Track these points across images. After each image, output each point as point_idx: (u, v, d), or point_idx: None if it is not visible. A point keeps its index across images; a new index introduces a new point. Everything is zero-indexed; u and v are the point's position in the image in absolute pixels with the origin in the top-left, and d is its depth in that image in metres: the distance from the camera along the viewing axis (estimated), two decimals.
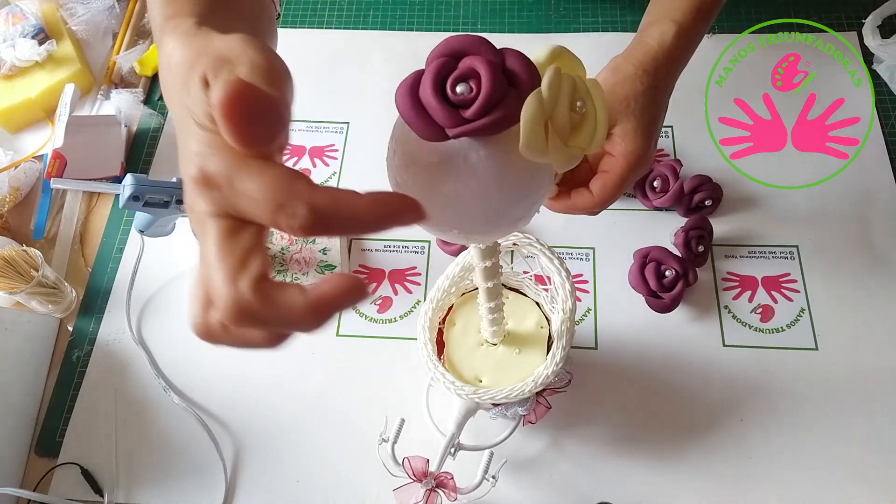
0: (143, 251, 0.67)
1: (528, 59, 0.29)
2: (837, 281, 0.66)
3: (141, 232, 0.60)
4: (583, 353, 0.63)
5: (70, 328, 0.67)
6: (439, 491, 0.52)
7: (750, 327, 0.64)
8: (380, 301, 0.67)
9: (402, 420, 0.53)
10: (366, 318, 0.66)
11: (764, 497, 0.57)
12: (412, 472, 0.51)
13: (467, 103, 0.28)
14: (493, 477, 0.52)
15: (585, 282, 0.67)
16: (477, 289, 0.49)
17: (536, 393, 0.51)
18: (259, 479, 0.59)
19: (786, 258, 0.68)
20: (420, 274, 0.69)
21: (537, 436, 0.60)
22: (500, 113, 0.28)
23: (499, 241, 0.43)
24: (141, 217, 0.59)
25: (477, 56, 0.29)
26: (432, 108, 0.28)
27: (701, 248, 0.65)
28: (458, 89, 0.28)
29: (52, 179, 0.64)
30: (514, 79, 0.29)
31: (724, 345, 0.64)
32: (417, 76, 0.29)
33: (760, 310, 0.65)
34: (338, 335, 0.66)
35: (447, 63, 0.29)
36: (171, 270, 0.69)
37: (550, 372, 0.48)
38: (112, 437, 0.61)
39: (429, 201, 0.28)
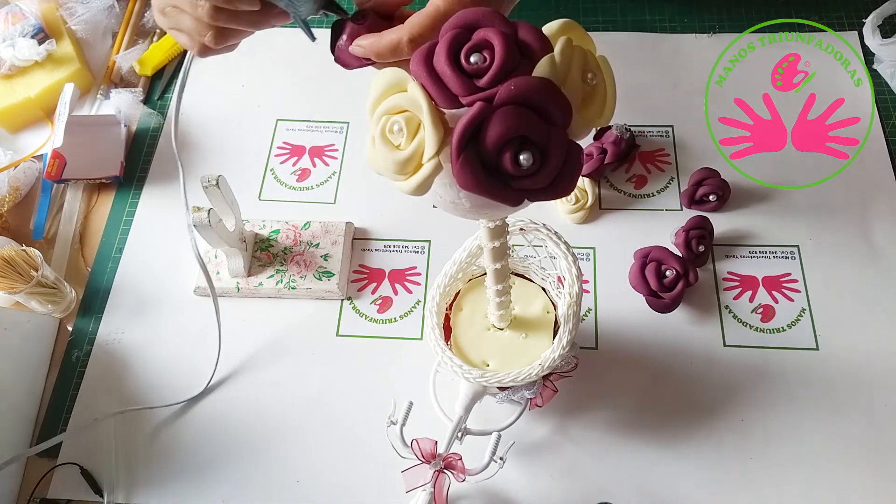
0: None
1: (540, 31, 0.30)
2: (838, 281, 0.66)
3: None
4: (583, 353, 0.63)
5: (70, 328, 0.67)
6: (447, 472, 0.52)
7: (750, 327, 0.64)
8: (380, 301, 0.67)
9: (411, 403, 0.53)
10: (366, 318, 0.66)
11: (764, 496, 0.57)
12: (421, 454, 0.51)
13: (480, 73, 0.29)
14: (501, 458, 0.52)
15: (586, 281, 0.67)
16: (484, 274, 0.49)
17: (543, 377, 0.52)
18: (259, 478, 0.59)
19: (786, 258, 0.68)
20: (420, 274, 0.69)
21: (543, 420, 0.60)
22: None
23: (507, 221, 0.43)
24: None
25: (490, 28, 0.30)
26: (447, 77, 0.29)
27: (701, 248, 0.65)
28: (472, 59, 0.29)
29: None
30: (526, 49, 0.30)
31: (725, 345, 0.64)
32: (432, 46, 0.30)
33: (761, 310, 0.65)
34: (338, 335, 0.65)
35: (461, 34, 0.30)
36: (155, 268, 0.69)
37: (557, 355, 0.48)
38: (112, 437, 0.61)
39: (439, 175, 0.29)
